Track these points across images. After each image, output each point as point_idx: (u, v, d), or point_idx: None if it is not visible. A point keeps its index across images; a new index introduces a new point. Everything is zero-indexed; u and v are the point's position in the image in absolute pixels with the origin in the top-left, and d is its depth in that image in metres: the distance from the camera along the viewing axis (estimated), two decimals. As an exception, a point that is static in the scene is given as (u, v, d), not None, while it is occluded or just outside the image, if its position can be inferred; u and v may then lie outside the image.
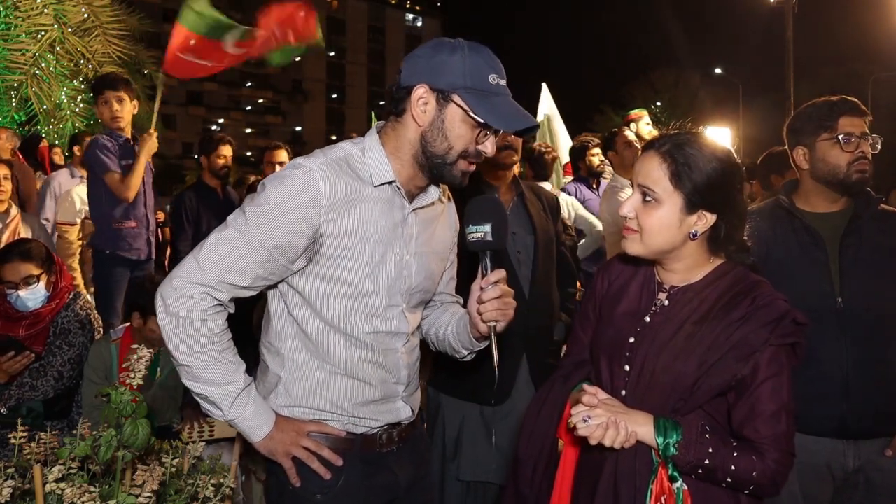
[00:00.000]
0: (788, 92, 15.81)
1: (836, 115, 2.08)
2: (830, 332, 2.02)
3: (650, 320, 1.52)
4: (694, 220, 1.45)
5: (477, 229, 1.55)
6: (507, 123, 1.50)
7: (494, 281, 1.55)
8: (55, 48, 4.96)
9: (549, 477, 1.60)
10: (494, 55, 1.53)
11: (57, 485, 1.38)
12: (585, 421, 1.38)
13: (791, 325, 1.41)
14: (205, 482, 1.59)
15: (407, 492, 1.68)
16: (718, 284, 1.48)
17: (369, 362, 1.60)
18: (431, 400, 2.76)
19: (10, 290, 2.75)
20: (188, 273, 1.48)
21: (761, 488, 1.38)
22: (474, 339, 1.69)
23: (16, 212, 4.14)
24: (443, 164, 1.53)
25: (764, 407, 1.39)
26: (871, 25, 18.33)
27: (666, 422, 1.39)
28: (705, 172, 1.43)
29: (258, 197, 1.51)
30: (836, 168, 2.07)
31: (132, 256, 3.96)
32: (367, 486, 1.61)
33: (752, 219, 2.25)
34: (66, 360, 2.81)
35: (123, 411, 1.42)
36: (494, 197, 1.62)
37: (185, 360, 1.50)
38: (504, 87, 1.52)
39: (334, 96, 59.72)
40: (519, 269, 2.61)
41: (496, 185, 2.71)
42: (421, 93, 1.50)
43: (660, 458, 1.38)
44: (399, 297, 1.61)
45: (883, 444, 2.02)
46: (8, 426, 2.39)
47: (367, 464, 1.62)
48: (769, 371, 1.40)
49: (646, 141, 2.52)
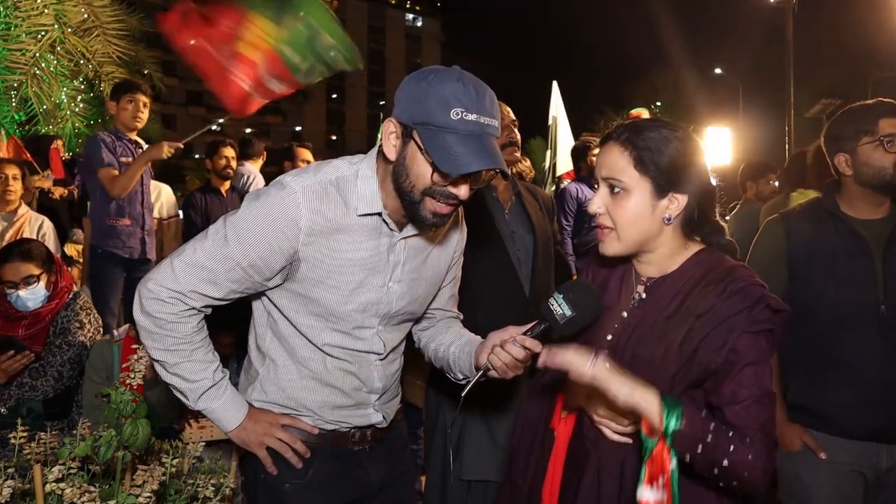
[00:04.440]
0: (788, 92, 15.79)
1: (876, 118, 2.07)
2: (871, 338, 2.01)
3: (627, 316, 1.51)
4: (666, 204, 1.44)
5: (560, 305, 1.46)
6: (453, 166, 1.34)
7: (527, 347, 1.50)
8: (55, 48, 4.95)
9: (543, 467, 1.58)
10: (473, 86, 1.37)
11: (57, 485, 1.38)
12: (594, 365, 1.31)
13: (766, 312, 1.37)
14: (205, 482, 1.59)
15: (381, 490, 1.69)
16: (694, 273, 1.45)
17: (342, 370, 1.61)
18: (432, 400, 2.76)
19: (10, 289, 2.75)
20: (162, 278, 1.50)
21: (754, 477, 1.32)
22: (474, 369, 1.65)
23: (24, 210, 4.21)
24: (410, 203, 1.45)
25: (747, 392, 1.34)
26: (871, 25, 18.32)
27: (668, 396, 1.34)
28: (667, 153, 1.41)
29: (240, 212, 1.50)
30: (881, 170, 2.05)
31: (124, 254, 3.97)
32: (337, 480, 1.62)
33: (794, 219, 2.24)
34: (65, 360, 2.80)
35: (123, 411, 1.42)
36: (600, 297, 1.51)
37: (157, 356, 1.55)
38: (473, 123, 1.35)
39: (334, 96, 59.71)
40: (519, 269, 2.61)
41: (494, 184, 2.71)
42: (391, 127, 1.43)
43: (658, 436, 1.31)
44: (374, 319, 1.60)
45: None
46: (8, 426, 2.39)
47: (337, 459, 1.63)
48: (749, 356, 1.35)
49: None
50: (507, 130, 2.67)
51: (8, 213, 4.13)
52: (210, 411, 1.58)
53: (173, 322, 1.51)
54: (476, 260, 2.55)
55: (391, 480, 1.71)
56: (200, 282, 1.49)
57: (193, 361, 1.55)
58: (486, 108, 1.38)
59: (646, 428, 1.32)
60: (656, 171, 1.42)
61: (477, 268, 2.55)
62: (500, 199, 2.70)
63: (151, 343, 1.53)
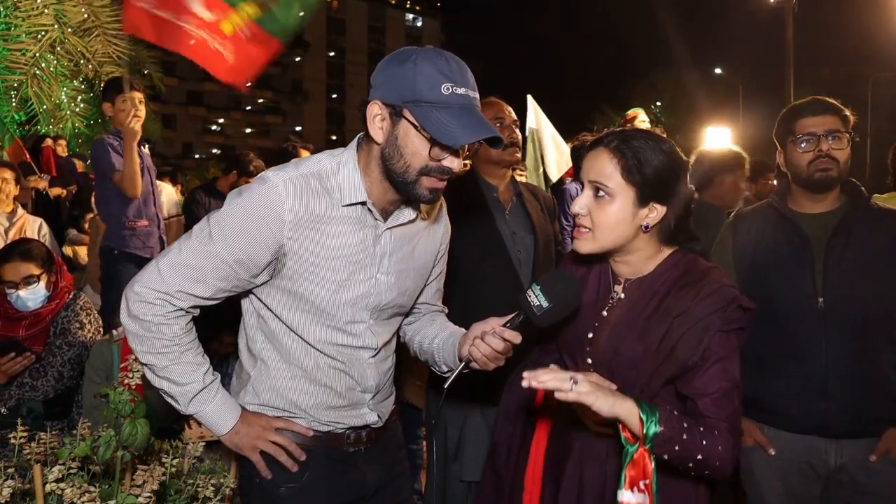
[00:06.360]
0: (788, 92, 15.78)
1: (796, 118, 2.14)
2: (811, 332, 2.03)
3: (607, 314, 1.57)
4: (646, 213, 1.50)
5: (537, 296, 1.48)
6: (453, 138, 1.38)
7: (506, 338, 1.52)
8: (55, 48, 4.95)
9: (524, 460, 1.62)
10: (455, 62, 1.42)
11: (57, 485, 1.38)
12: (575, 384, 1.33)
13: (737, 311, 1.45)
14: (205, 482, 1.59)
15: (377, 491, 1.68)
16: (670, 274, 1.52)
17: (335, 369, 1.60)
18: (432, 400, 2.76)
19: (10, 289, 2.75)
20: (148, 279, 1.49)
21: (724, 465, 1.40)
22: (457, 360, 1.66)
23: (22, 212, 4.26)
24: (405, 183, 1.47)
25: (717, 385, 1.43)
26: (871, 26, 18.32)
27: (643, 402, 1.38)
28: (654, 165, 1.48)
29: (223, 210, 1.50)
30: (798, 169, 2.12)
31: (145, 255, 3.95)
32: (333, 482, 1.61)
33: (743, 218, 2.30)
34: (66, 360, 2.80)
35: (122, 411, 1.42)
36: (579, 288, 1.54)
37: (146, 360, 1.53)
38: (462, 97, 1.40)
39: (334, 96, 59.77)
40: (520, 269, 2.61)
41: (495, 185, 2.71)
42: (375, 109, 1.44)
43: (637, 440, 1.35)
44: (365, 313, 1.60)
45: (866, 443, 2.02)
46: (8, 426, 2.39)
47: (333, 461, 1.62)
48: (720, 352, 1.43)
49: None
50: (507, 131, 2.67)
51: (8, 214, 4.17)
52: (202, 415, 1.56)
53: (161, 324, 1.49)
54: (476, 260, 2.55)
55: (387, 482, 1.71)
56: (187, 281, 1.48)
57: (183, 364, 1.53)
58: (471, 83, 1.44)
59: (626, 434, 1.36)
60: (641, 180, 1.48)
61: (477, 268, 2.55)
62: (500, 199, 2.70)
63: (139, 347, 1.51)
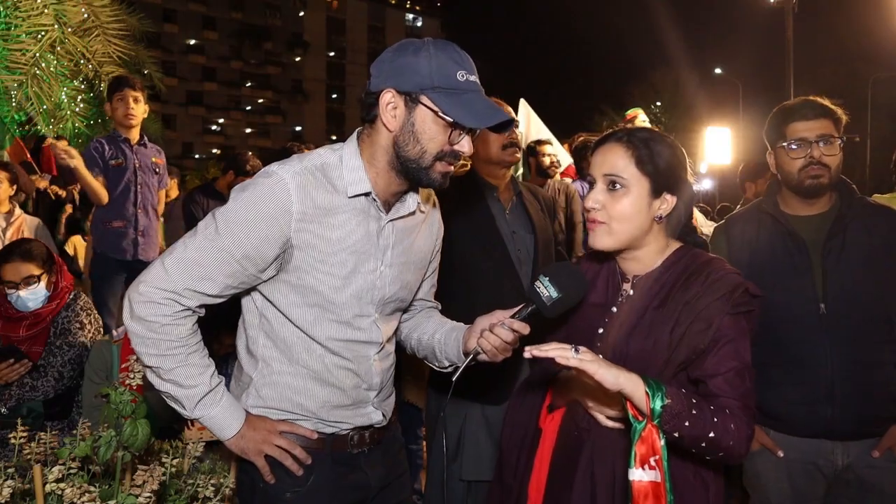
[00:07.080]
0: (788, 92, 15.77)
1: (787, 121, 2.08)
2: (815, 337, 2.01)
3: (617, 310, 1.58)
4: (658, 204, 1.54)
5: (546, 287, 1.51)
6: (479, 120, 1.44)
7: (515, 329, 1.54)
8: (55, 48, 4.94)
9: (530, 464, 1.62)
10: (462, 51, 1.49)
11: (57, 485, 1.38)
12: (576, 351, 1.33)
13: (745, 295, 1.48)
14: (205, 482, 1.59)
15: (379, 492, 1.68)
16: (676, 268, 1.56)
17: (341, 367, 1.59)
18: (432, 400, 2.76)
19: (10, 290, 2.75)
20: (154, 278, 1.47)
21: (738, 445, 1.39)
22: (462, 354, 1.66)
23: (19, 212, 4.31)
24: (419, 169, 1.49)
25: (728, 365, 1.44)
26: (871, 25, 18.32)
27: (651, 378, 1.38)
28: (664, 156, 1.53)
29: (228, 204, 1.49)
30: (789, 174, 2.08)
31: (117, 256, 3.98)
32: (338, 485, 1.60)
33: (735, 223, 2.26)
34: (66, 361, 2.80)
35: (123, 411, 1.42)
36: (584, 279, 1.59)
37: (151, 363, 1.49)
38: (474, 83, 1.47)
39: (334, 96, 59.72)
40: (520, 269, 2.61)
41: (495, 185, 2.71)
42: (388, 97, 1.46)
43: (645, 417, 1.35)
44: (371, 306, 1.60)
45: (872, 443, 2.02)
46: (8, 426, 2.39)
47: (337, 464, 1.61)
48: (730, 334, 1.45)
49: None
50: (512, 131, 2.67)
51: (5, 214, 4.19)
52: (207, 419, 1.53)
53: (168, 325, 1.47)
54: (477, 260, 2.55)
55: (388, 482, 1.70)
56: (194, 279, 1.46)
57: (189, 366, 1.50)
58: (476, 72, 1.50)
59: (633, 411, 1.36)
60: (654, 170, 1.52)
61: (478, 268, 2.55)
62: (500, 199, 2.70)
63: (144, 349, 1.48)
